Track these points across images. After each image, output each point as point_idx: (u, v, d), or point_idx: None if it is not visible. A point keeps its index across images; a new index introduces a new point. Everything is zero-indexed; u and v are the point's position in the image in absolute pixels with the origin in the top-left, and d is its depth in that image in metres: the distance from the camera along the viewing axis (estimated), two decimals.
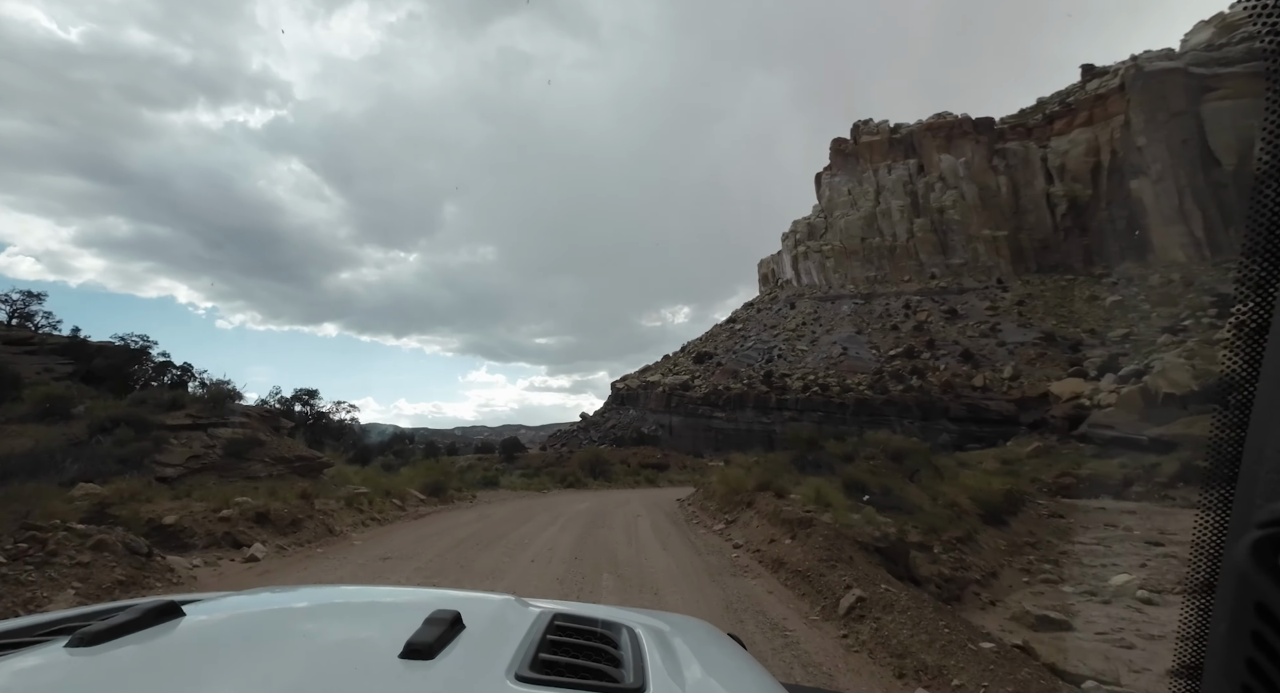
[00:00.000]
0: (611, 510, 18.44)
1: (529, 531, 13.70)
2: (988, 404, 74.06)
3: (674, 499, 21.65)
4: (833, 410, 79.39)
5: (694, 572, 9.61)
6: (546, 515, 16.63)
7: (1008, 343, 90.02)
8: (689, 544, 12.19)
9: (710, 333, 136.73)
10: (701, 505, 17.74)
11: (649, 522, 15.65)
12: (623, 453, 48.27)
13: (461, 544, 11.62)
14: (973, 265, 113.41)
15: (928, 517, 13.06)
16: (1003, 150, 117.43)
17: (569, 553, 10.92)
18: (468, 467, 32.15)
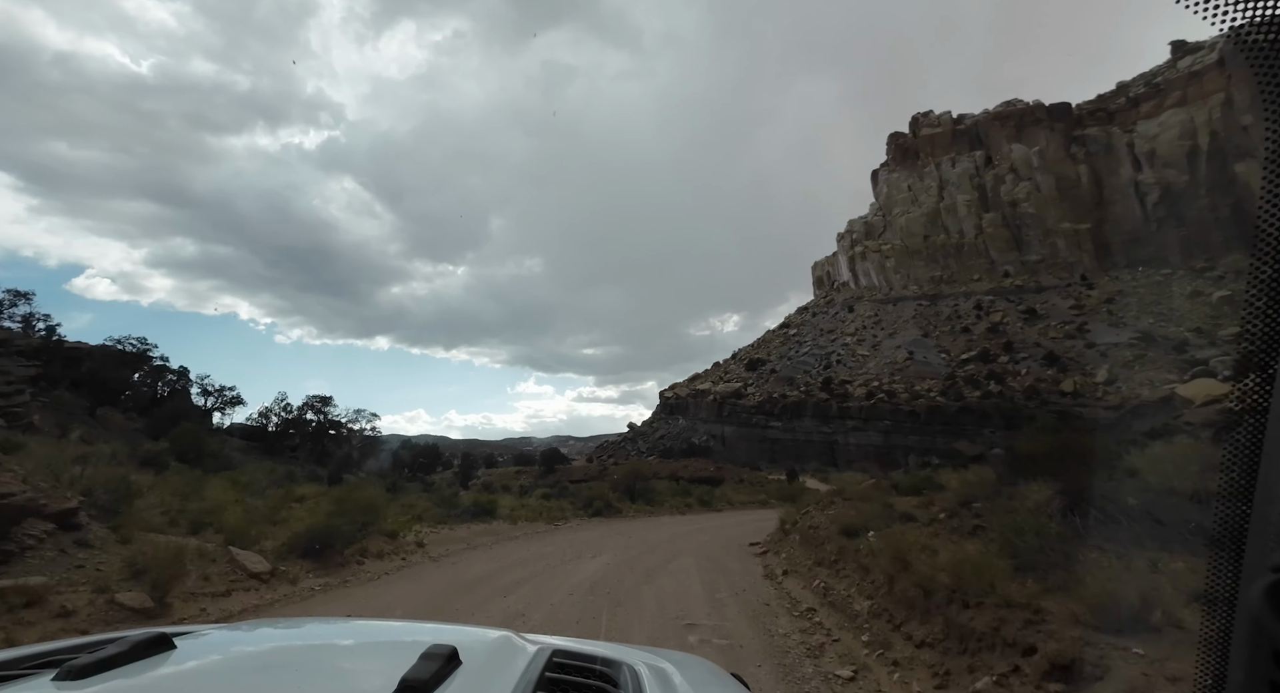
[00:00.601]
0: (642, 579, 10.69)
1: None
2: (1080, 411, 65.86)
3: (742, 541, 15.56)
4: (901, 419, 72.66)
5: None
6: (504, 603, 8.86)
7: (1098, 344, 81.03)
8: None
9: (762, 339, 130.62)
10: (802, 565, 10.75)
11: (719, 618, 8.20)
12: (671, 466, 43.70)
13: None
14: (1051, 262, 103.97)
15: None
16: (1081, 137, 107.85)
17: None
18: (449, 485, 28.63)
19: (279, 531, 11.23)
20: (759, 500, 27.48)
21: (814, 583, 9.51)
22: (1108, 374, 71.73)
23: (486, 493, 22.80)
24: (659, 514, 23.68)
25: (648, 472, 44.08)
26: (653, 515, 23.18)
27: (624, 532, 17.12)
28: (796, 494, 28.10)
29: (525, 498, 22.65)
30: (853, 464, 72.39)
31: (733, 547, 14.93)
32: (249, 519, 11.28)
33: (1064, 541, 6.10)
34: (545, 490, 26.03)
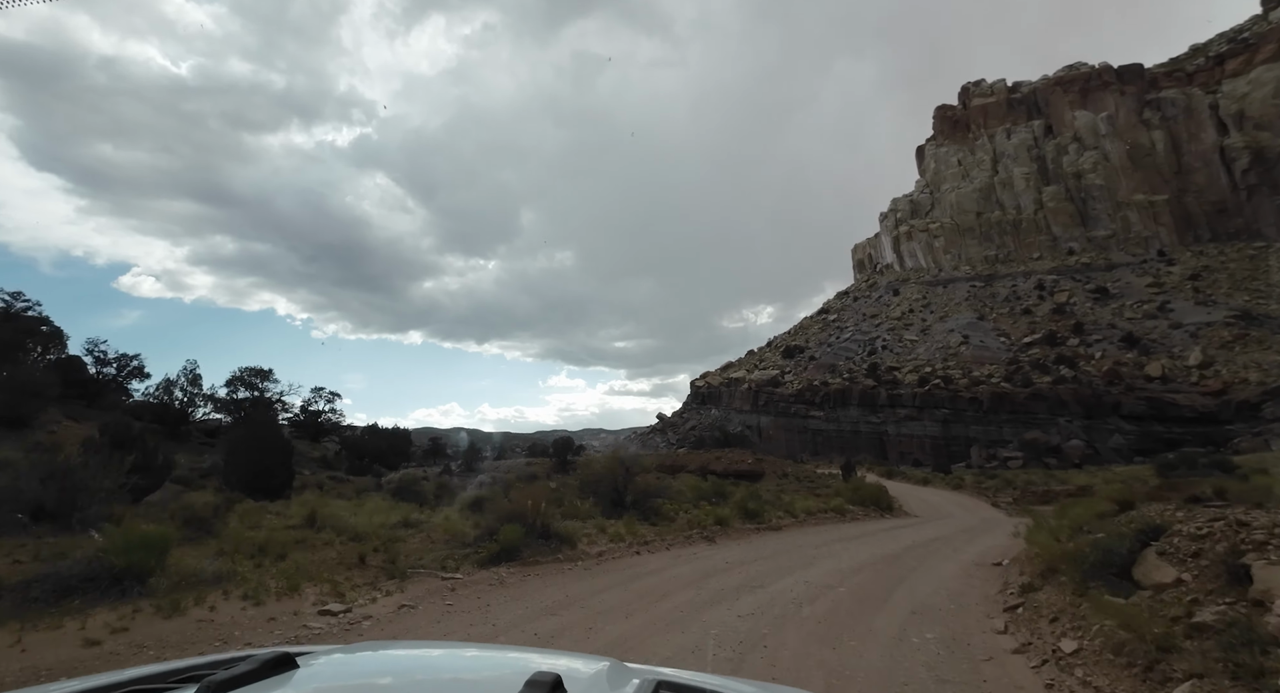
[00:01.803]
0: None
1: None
2: (1174, 398, 57.10)
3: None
4: (961, 407, 64.74)
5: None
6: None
7: (1185, 324, 71.38)
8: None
9: (799, 326, 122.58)
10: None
11: None
12: (701, 458, 37.31)
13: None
14: (1123, 237, 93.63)
15: None
16: (1157, 101, 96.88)
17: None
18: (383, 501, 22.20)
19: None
20: (831, 508, 18.89)
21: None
22: (1201, 356, 62.40)
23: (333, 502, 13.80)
24: (658, 547, 11.61)
25: (671, 464, 37.69)
26: (644, 551, 11.20)
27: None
28: (880, 496, 21.53)
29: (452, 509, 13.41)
30: (906, 457, 64.78)
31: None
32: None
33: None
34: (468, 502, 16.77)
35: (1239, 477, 19.19)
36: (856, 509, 19.30)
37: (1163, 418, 56.21)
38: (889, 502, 21.46)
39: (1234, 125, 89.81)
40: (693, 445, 60.87)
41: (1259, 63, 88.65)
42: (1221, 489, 8.95)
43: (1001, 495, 34.73)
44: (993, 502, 31.20)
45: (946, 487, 39.49)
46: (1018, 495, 31.38)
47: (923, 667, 5.31)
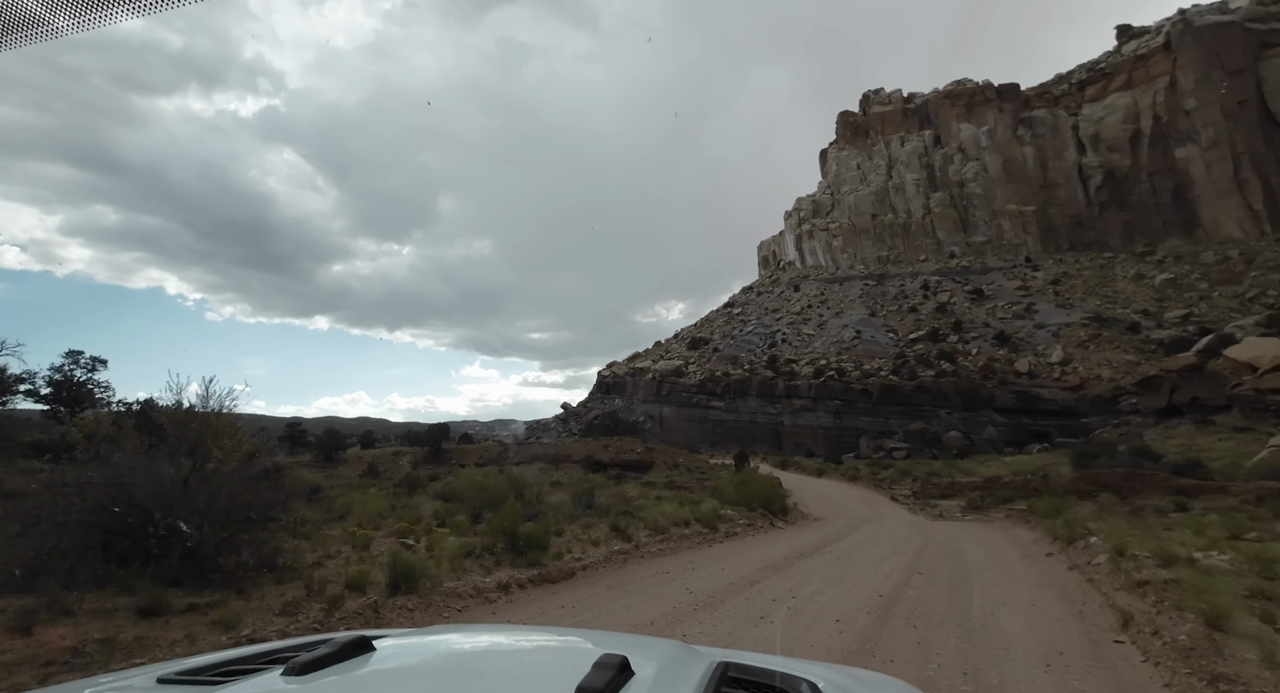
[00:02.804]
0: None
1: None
2: (1039, 392, 60.05)
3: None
4: (853, 398, 65.25)
5: None
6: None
7: (1048, 325, 76.19)
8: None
9: (706, 318, 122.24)
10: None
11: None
12: (589, 447, 33.82)
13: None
14: (997, 243, 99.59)
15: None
16: (1029, 119, 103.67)
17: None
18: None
19: None
20: (700, 518, 13.63)
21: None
22: (1062, 354, 66.40)
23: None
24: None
25: (556, 454, 34.05)
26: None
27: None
28: (771, 495, 17.33)
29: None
30: (800, 448, 64.58)
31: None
32: None
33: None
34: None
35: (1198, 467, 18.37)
36: (738, 515, 15.04)
37: (1030, 411, 58.87)
38: (782, 502, 17.84)
39: (1091, 146, 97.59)
40: (583, 434, 57.34)
41: (1113, 91, 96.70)
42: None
43: (898, 487, 32.98)
44: (891, 495, 29.23)
45: (841, 478, 37.59)
46: (918, 488, 29.78)
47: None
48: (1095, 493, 16.69)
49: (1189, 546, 10.10)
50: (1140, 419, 37.33)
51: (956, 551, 11.93)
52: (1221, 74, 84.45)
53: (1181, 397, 33.41)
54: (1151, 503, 14.35)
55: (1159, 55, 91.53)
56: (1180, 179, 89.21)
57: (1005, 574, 9.75)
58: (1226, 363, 32.35)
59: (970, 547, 12.51)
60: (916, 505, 24.88)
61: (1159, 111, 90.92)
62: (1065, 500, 15.35)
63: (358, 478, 28.48)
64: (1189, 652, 5.27)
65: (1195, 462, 18.74)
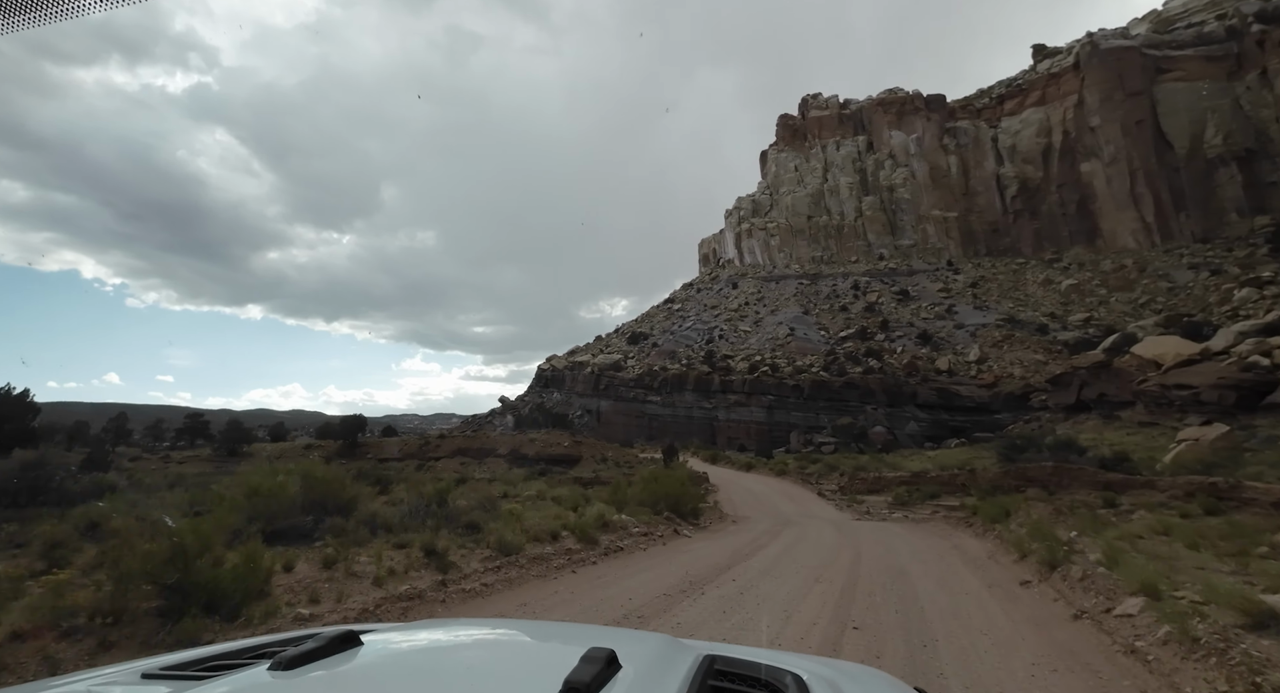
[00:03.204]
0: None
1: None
2: (958, 389, 62.44)
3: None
4: (786, 394, 66.00)
5: None
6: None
7: (966, 325, 79.65)
8: None
9: (647, 314, 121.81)
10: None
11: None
12: (515, 440, 32.29)
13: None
14: (922, 247, 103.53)
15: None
16: (954, 129, 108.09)
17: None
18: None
19: None
20: (578, 529, 11.23)
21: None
22: (979, 353, 69.38)
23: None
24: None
25: (480, 447, 32.41)
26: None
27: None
28: (682, 496, 15.02)
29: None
30: (733, 442, 64.86)
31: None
32: None
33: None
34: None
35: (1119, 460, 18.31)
36: (636, 521, 12.73)
37: (949, 407, 61.05)
38: (695, 504, 15.85)
39: (1008, 157, 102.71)
40: (514, 428, 55.53)
41: (1028, 106, 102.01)
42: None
43: (826, 482, 32.45)
44: (818, 490, 28.47)
45: (770, 472, 37.25)
46: (844, 483, 29.13)
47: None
48: (1022, 488, 16.57)
49: (1210, 567, 7.70)
50: (1049, 415, 39.16)
51: (898, 573, 9.35)
52: (1122, 95, 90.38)
53: (1089, 393, 35.14)
54: (1080, 499, 14.19)
55: (1069, 74, 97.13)
56: (1084, 191, 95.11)
57: (982, 628, 6.43)
58: (1133, 360, 34.16)
59: (913, 565, 10.05)
60: (843, 502, 24.41)
61: (1068, 127, 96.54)
62: (1010, 500, 14.06)
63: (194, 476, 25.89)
64: None
65: (1123, 456, 18.83)
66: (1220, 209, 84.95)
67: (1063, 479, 16.10)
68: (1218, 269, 77.30)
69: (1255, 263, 73.72)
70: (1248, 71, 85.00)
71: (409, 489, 12.60)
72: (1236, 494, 12.36)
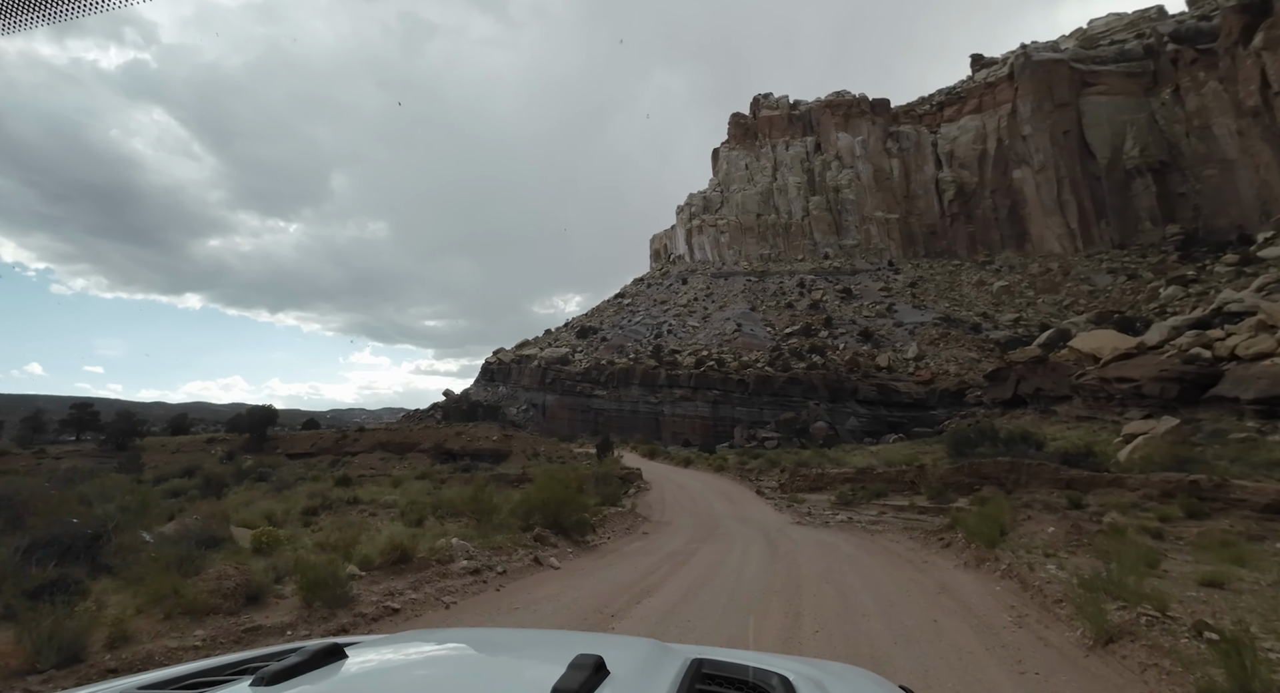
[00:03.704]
0: None
1: None
2: (896, 386, 62.44)
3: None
4: (731, 388, 64.64)
5: None
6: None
7: (905, 323, 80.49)
8: None
9: (597, 308, 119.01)
10: None
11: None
12: (440, 433, 29.35)
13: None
14: (865, 247, 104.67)
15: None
16: (896, 134, 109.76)
17: None
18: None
19: None
20: (371, 561, 7.80)
21: None
22: (917, 350, 69.84)
23: None
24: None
25: (403, 441, 29.18)
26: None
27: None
28: (563, 508, 11.40)
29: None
30: (678, 437, 63.03)
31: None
32: None
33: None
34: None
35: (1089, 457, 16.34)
36: (474, 548, 8.98)
37: (888, 403, 60.91)
38: (581, 515, 12.21)
39: (946, 162, 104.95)
40: (441, 420, 51.86)
41: (966, 113, 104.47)
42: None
43: (766, 479, 30.72)
44: (757, 488, 26.57)
45: (709, 468, 35.46)
46: (785, 480, 27.35)
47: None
48: (976, 486, 14.91)
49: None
50: (985, 411, 38.87)
51: (870, 659, 5.35)
52: (1052, 105, 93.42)
53: (1026, 388, 34.83)
54: (1039, 498, 12.51)
55: (1004, 84, 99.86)
56: (1016, 197, 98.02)
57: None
58: (1070, 354, 33.93)
59: (884, 629, 6.34)
60: (783, 501, 22.57)
61: (1002, 135, 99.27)
62: (997, 506, 11.04)
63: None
64: None
65: (1086, 451, 17.43)
66: (1136, 217, 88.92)
67: (1020, 476, 14.44)
68: (1134, 274, 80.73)
69: (1167, 268, 77.24)
70: (1163, 88, 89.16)
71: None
72: (1222, 494, 10.91)
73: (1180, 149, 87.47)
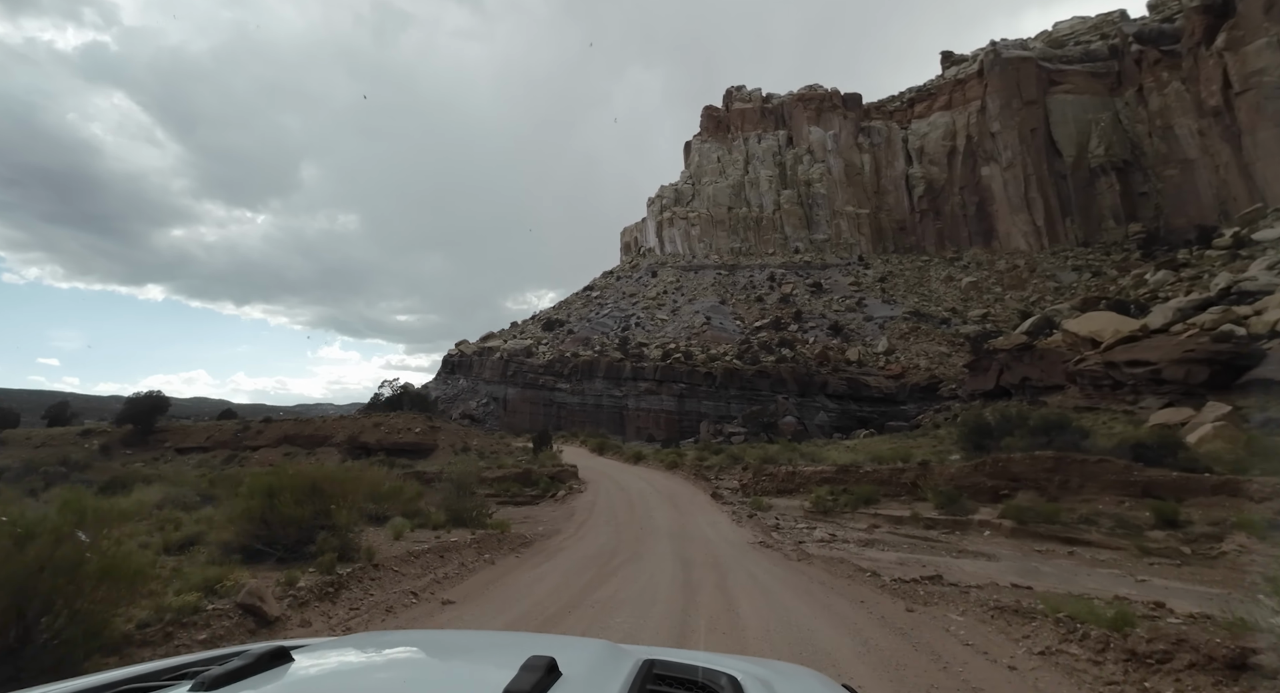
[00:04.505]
0: None
1: None
2: (866, 380, 59.61)
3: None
4: (698, 381, 61.04)
5: None
6: None
7: (875, 317, 78.07)
8: None
9: (565, 301, 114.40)
10: None
11: None
12: (357, 424, 25.04)
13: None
14: (835, 241, 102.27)
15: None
16: (868, 129, 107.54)
17: None
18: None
19: None
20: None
21: None
22: (887, 344, 67.23)
23: None
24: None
25: (312, 434, 24.77)
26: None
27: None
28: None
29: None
30: (642, 432, 59.21)
31: None
32: None
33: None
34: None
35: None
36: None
37: (857, 398, 58.03)
38: (357, 541, 7.95)
39: (916, 158, 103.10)
40: (366, 410, 46.98)
41: (936, 110, 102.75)
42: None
43: (727, 477, 26.29)
44: (714, 490, 22.11)
45: (661, 465, 30.82)
46: (748, 479, 23.19)
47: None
48: (1005, 491, 11.18)
49: None
50: (961, 404, 35.87)
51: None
52: (1020, 102, 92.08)
53: (1010, 378, 31.87)
54: (1103, 509, 8.79)
55: (974, 81, 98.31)
56: (984, 194, 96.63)
57: None
58: (1065, 338, 31.03)
59: None
60: (744, 508, 18.27)
61: (971, 132, 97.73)
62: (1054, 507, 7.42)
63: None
64: None
65: (1172, 443, 12.77)
66: (1100, 216, 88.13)
67: (1069, 478, 10.70)
68: (1098, 271, 79.62)
69: (1130, 266, 76.19)
70: (1127, 88, 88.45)
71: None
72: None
73: (1143, 149, 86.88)
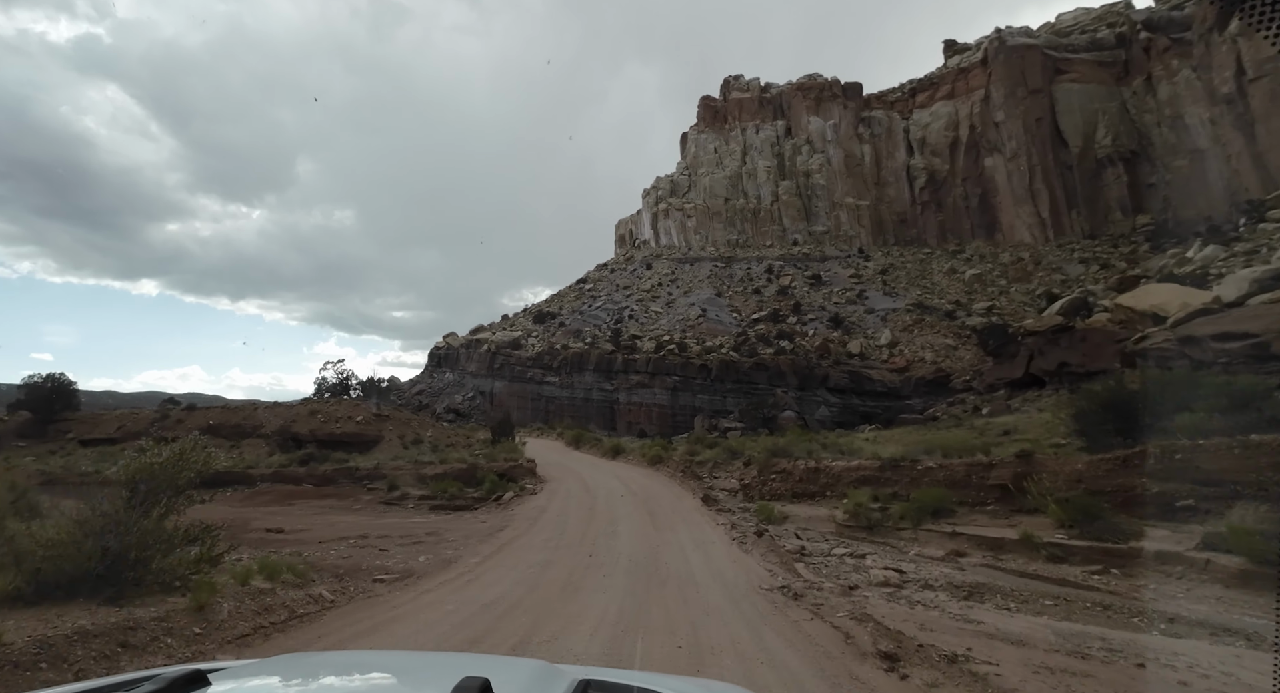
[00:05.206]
0: None
1: None
2: (869, 373, 55.90)
3: None
4: (692, 374, 57.28)
5: None
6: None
7: (877, 310, 74.45)
8: None
9: (558, 294, 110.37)
10: None
11: None
12: (291, 412, 21.20)
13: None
14: (834, 233, 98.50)
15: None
16: (869, 119, 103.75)
17: None
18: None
19: None
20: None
21: None
22: (890, 337, 63.50)
23: None
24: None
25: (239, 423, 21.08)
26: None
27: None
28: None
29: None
30: (634, 427, 55.38)
31: None
32: None
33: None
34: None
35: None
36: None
37: (860, 391, 54.43)
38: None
39: (918, 149, 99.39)
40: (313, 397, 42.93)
41: (938, 99, 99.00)
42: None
43: (724, 475, 21.87)
44: (705, 492, 17.42)
45: (643, 461, 26.07)
46: (752, 477, 18.22)
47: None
48: (1191, 503, 7.32)
49: None
50: (977, 396, 32.15)
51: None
52: (1025, 91, 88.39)
53: (1044, 364, 28.06)
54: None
55: (977, 70, 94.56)
56: (987, 186, 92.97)
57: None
58: (1117, 314, 27.27)
59: None
60: (749, 517, 13.68)
61: (974, 122, 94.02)
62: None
63: None
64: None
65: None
66: (1107, 207, 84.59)
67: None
68: (1106, 264, 76.08)
69: (1139, 259, 72.66)
70: (1135, 77, 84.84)
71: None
72: None
73: (1151, 139, 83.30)
